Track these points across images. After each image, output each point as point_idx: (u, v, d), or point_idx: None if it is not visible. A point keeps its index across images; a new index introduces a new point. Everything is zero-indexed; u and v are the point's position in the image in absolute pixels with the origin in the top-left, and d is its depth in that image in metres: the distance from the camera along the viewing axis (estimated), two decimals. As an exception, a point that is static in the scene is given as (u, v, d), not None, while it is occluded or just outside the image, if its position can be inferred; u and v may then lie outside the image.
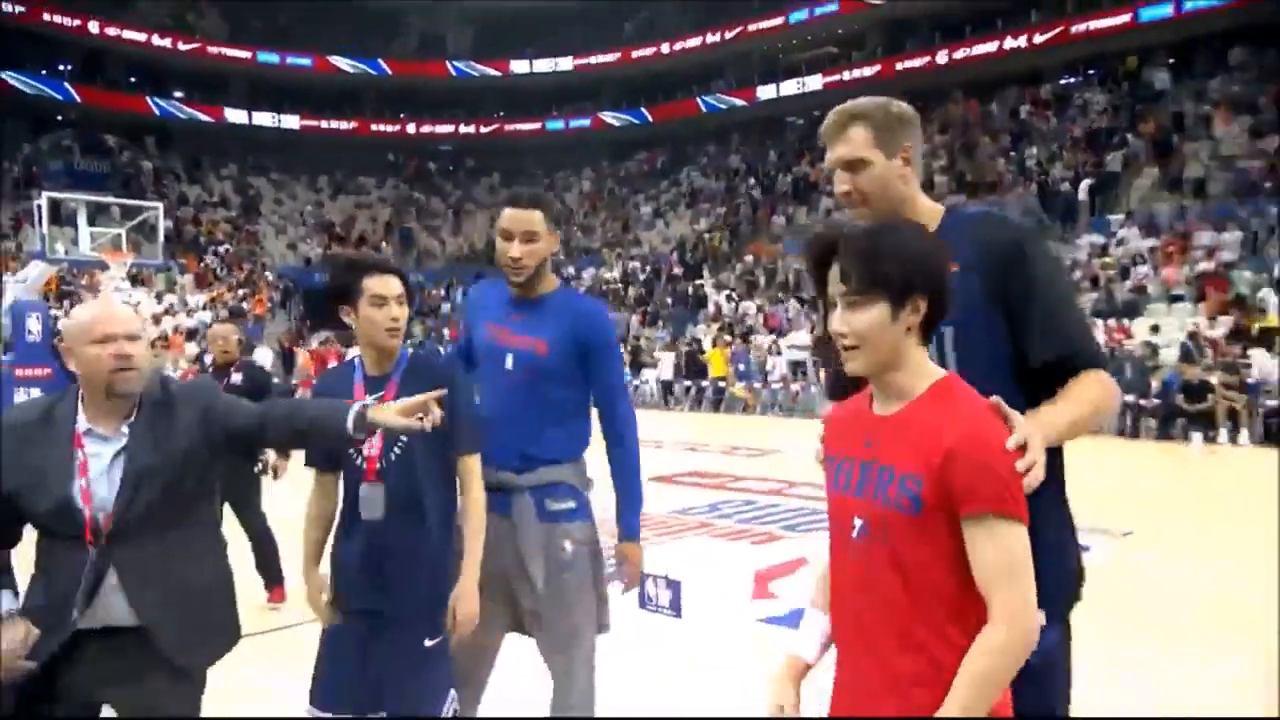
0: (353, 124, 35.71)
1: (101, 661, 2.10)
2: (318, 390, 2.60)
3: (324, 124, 35.33)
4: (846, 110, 1.93)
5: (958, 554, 1.48)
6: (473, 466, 2.43)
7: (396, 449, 2.36)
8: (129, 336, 2.10)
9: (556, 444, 2.53)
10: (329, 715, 2.36)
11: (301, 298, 27.63)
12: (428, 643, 2.31)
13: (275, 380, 21.13)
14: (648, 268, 27.58)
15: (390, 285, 2.38)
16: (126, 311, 2.22)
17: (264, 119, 34.45)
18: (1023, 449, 1.49)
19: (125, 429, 2.13)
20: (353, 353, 2.62)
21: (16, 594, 2.14)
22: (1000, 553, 1.45)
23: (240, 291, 26.26)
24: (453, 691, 2.36)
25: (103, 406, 2.12)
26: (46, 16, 30.06)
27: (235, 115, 34.00)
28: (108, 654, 2.11)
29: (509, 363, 2.53)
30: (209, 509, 2.36)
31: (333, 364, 20.32)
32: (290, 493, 2.65)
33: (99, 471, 2.09)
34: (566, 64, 35.38)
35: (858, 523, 1.55)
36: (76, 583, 2.07)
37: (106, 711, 2.18)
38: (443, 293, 29.87)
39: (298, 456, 2.58)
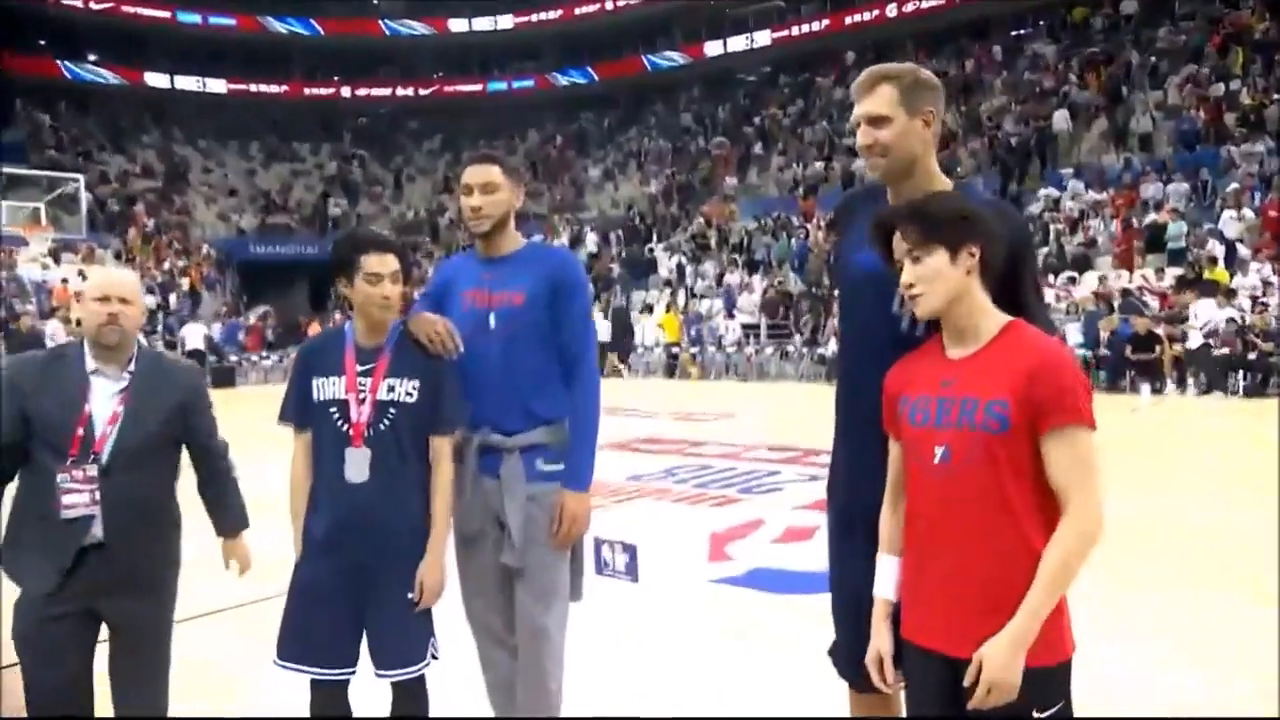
0: (284, 87, 34.90)
1: (93, 572, 2.48)
2: (305, 355, 2.65)
3: (253, 87, 34.45)
4: (878, 71, 2.14)
5: (1037, 469, 1.75)
6: (446, 446, 2.53)
7: (384, 422, 2.47)
8: (122, 299, 2.51)
9: (544, 404, 2.57)
10: (304, 668, 2.41)
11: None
12: (410, 595, 2.46)
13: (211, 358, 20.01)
14: (597, 234, 27.37)
15: (386, 263, 2.47)
16: (128, 279, 2.66)
17: (187, 83, 33.47)
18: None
19: (126, 375, 2.55)
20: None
21: None
22: (1077, 458, 1.73)
23: (178, 265, 25.46)
24: (433, 638, 2.52)
25: (102, 354, 2.53)
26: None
27: (156, 79, 32.99)
28: (98, 565, 2.48)
29: (492, 322, 2.56)
30: (175, 459, 2.69)
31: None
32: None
33: (102, 404, 2.51)
34: (507, 21, 34.88)
35: (939, 450, 1.81)
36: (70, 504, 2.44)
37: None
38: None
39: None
